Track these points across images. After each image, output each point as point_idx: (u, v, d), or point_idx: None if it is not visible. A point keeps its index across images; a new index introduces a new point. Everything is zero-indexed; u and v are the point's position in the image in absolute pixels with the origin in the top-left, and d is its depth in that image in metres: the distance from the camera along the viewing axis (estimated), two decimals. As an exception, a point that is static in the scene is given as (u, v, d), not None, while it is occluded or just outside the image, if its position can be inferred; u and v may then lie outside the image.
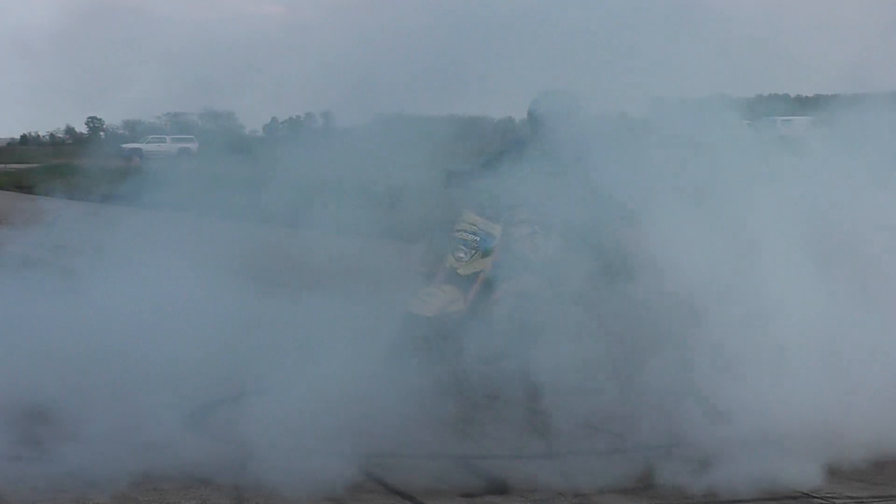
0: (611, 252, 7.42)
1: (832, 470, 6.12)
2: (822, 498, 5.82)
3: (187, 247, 8.71)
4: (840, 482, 6.04)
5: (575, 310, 7.17)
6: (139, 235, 9.18)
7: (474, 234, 7.74)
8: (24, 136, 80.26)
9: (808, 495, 5.84)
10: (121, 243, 9.19)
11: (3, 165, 44.66)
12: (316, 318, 8.26)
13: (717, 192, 7.16)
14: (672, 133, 7.82)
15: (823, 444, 6.14)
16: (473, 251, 7.74)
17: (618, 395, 6.86)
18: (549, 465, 6.24)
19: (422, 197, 8.17)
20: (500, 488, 5.94)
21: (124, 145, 33.85)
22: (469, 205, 7.80)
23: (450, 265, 7.69)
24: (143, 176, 9.28)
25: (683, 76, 8.22)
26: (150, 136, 40.34)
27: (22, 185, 30.50)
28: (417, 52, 8.69)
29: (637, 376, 6.85)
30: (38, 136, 79.99)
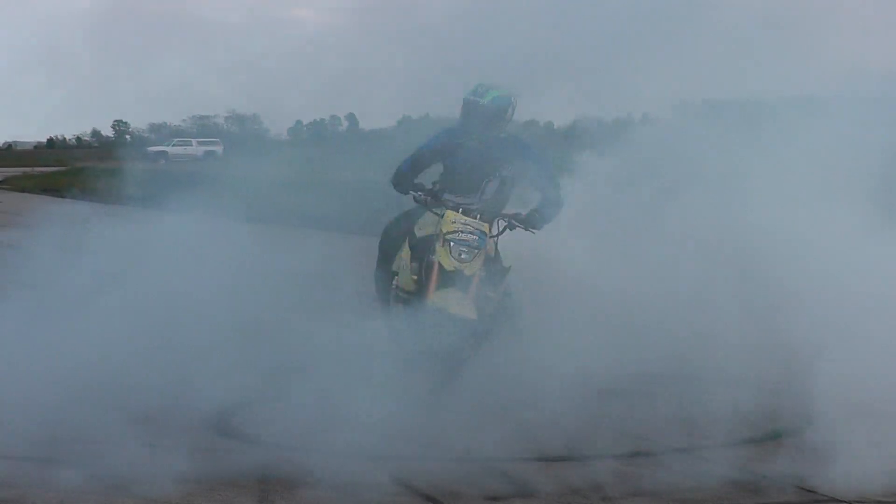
0: None
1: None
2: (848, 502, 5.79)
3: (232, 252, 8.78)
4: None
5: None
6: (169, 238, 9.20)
7: (472, 233, 7.72)
8: (50, 140, 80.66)
9: (836, 500, 5.80)
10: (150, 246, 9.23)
11: (29, 169, 44.91)
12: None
13: None
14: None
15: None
16: (476, 250, 7.72)
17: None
18: (574, 467, 6.22)
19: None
20: (527, 491, 5.92)
21: (150, 148, 34.00)
22: (447, 206, 7.79)
23: (453, 268, 7.63)
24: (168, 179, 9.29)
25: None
26: (176, 140, 40.52)
27: (48, 188, 30.68)
28: (442, 54, 8.69)
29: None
30: (65, 139, 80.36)
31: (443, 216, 7.72)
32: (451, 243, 7.69)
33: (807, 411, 6.74)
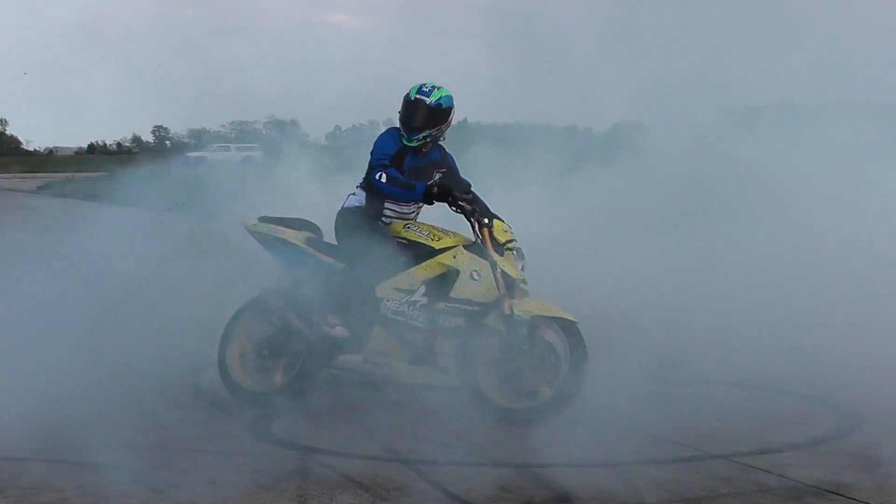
0: None
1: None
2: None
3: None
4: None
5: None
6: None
7: (517, 240, 7.69)
8: (91, 146, 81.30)
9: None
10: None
11: (70, 174, 45.22)
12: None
13: None
14: None
15: None
16: (522, 259, 7.70)
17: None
18: (612, 473, 6.21)
19: None
20: (564, 497, 5.91)
21: (189, 154, 34.23)
22: (488, 214, 7.64)
23: (518, 277, 7.58)
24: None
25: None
26: (215, 145, 40.76)
27: (88, 194, 30.86)
28: (480, 60, 8.70)
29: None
30: (105, 145, 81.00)
31: (489, 225, 7.56)
32: (514, 252, 7.65)
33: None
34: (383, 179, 7.48)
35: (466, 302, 7.45)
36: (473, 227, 7.57)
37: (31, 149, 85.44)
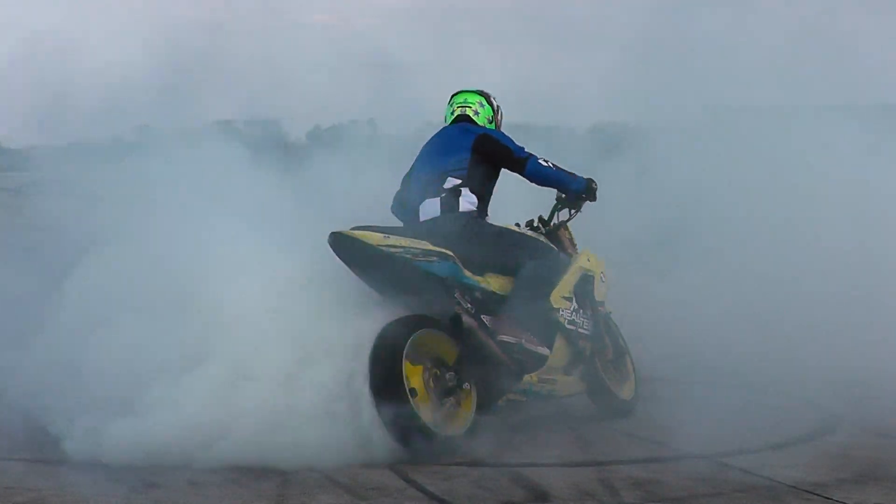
0: None
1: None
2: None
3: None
4: (888, 492, 5.96)
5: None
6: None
7: None
8: (71, 145, 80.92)
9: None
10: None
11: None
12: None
13: None
14: None
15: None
16: None
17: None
18: (591, 472, 6.21)
19: None
20: (542, 496, 5.91)
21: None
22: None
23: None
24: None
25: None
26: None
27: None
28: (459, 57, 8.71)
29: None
30: (87, 144, 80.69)
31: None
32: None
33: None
34: (550, 164, 7.21)
35: (601, 303, 7.65)
36: (556, 230, 7.65)
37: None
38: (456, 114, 7.53)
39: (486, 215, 7.18)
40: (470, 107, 7.50)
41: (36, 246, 8.25)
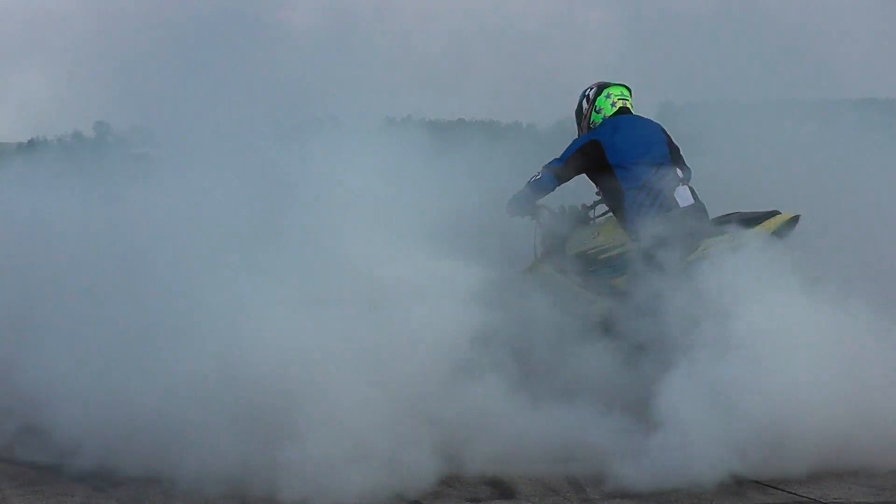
0: None
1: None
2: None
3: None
4: (850, 487, 6.01)
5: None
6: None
7: None
8: (31, 141, 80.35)
9: (816, 500, 5.82)
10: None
11: (11, 170, 44.67)
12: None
13: None
14: None
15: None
16: None
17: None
18: (556, 469, 6.23)
19: None
20: (508, 492, 5.93)
21: (133, 151, 33.93)
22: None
23: None
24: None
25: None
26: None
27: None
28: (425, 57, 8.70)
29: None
30: (46, 140, 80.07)
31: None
32: None
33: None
34: None
35: None
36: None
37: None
38: (617, 106, 7.73)
39: None
40: (628, 100, 7.78)
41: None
